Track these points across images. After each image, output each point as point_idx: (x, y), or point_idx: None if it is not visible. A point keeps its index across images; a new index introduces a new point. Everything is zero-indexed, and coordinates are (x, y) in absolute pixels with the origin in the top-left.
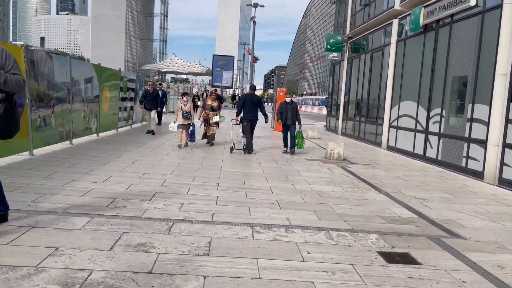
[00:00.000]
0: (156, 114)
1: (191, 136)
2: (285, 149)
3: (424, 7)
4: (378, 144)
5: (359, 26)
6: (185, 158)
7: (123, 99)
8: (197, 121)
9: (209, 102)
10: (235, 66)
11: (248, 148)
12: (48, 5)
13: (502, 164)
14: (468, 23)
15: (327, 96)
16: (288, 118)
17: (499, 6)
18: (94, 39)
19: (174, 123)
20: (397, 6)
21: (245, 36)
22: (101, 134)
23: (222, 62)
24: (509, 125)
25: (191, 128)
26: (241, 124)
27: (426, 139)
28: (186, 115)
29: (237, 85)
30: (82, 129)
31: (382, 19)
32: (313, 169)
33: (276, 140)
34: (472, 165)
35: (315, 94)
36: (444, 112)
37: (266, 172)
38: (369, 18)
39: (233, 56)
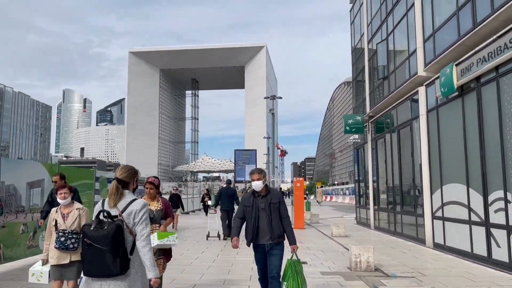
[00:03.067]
0: None
1: None
2: None
3: (456, 65)
4: (422, 241)
5: (380, 103)
6: None
7: None
8: None
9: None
10: (264, 161)
11: (224, 235)
12: (89, 118)
13: None
14: None
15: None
16: (263, 231)
17: None
18: (129, 145)
19: (43, 263)
20: (421, 72)
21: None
22: None
23: (244, 156)
24: None
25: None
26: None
27: (488, 234)
28: (66, 242)
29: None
30: (21, 248)
31: (405, 89)
32: None
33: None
34: None
35: (347, 183)
36: (509, 195)
37: None
38: (390, 92)
39: (255, 150)
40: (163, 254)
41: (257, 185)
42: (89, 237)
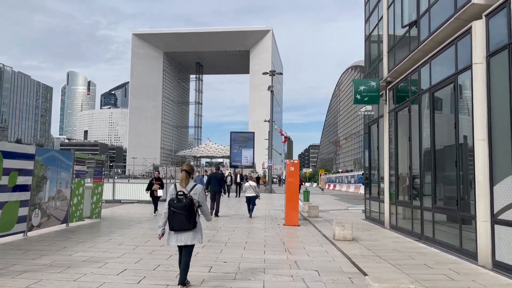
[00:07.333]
0: None
1: None
2: None
3: None
4: (470, 256)
5: (403, 60)
6: None
7: None
8: None
9: None
10: (265, 146)
11: (213, 212)
12: (93, 101)
13: None
14: None
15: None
16: None
17: None
18: (132, 129)
19: None
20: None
21: (277, 119)
22: None
23: (241, 139)
24: None
25: None
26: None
27: None
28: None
29: (266, 165)
30: None
31: (447, 32)
32: None
33: (281, 254)
34: None
35: (351, 171)
36: None
37: None
38: (420, 42)
39: (253, 132)
40: None
41: None
42: (174, 207)
